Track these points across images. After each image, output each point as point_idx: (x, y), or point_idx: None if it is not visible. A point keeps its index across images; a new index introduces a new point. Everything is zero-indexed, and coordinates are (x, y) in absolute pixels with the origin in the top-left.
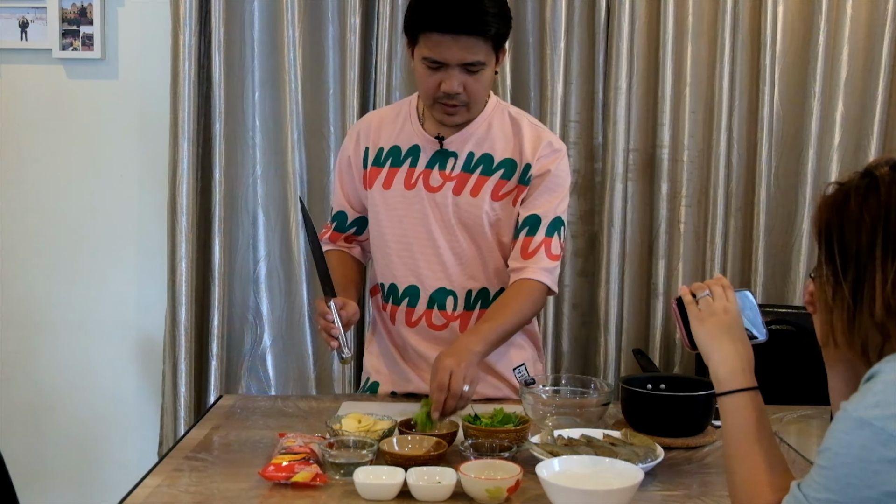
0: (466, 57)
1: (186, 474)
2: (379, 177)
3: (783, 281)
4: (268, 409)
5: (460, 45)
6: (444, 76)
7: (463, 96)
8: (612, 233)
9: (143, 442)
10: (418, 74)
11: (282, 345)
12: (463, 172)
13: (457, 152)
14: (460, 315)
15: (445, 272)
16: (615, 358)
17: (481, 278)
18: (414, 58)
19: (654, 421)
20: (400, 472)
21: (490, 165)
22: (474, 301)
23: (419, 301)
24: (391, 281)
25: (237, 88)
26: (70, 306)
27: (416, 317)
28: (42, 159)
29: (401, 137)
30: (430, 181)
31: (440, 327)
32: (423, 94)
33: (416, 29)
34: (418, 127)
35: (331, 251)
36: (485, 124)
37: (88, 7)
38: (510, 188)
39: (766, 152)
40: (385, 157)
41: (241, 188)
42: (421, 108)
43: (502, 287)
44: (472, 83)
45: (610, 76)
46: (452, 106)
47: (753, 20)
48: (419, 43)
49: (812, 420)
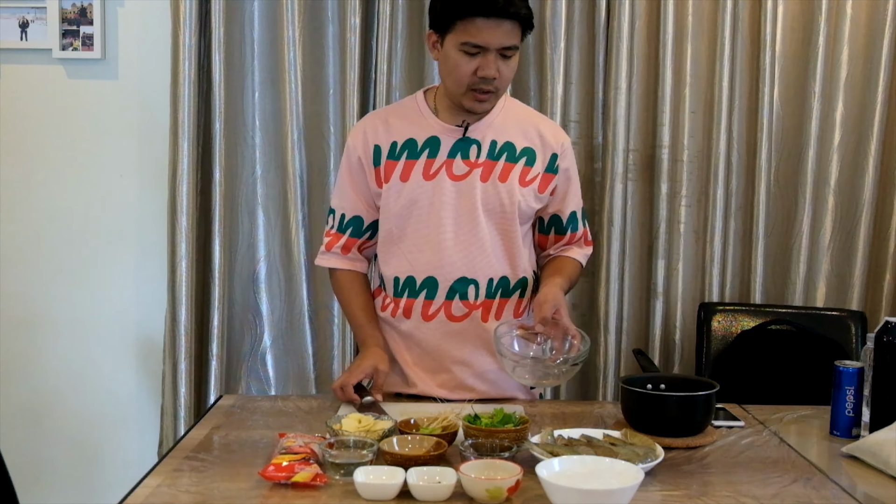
0: (506, 41)
1: (186, 474)
2: (395, 170)
3: (783, 281)
4: (268, 409)
5: (501, 30)
6: (481, 62)
7: (497, 81)
8: (612, 233)
9: (144, 442)
10: (451, 62)
11: (282, 345)
12: (488, 159)
13: (479, 140)
14: (482, 303)
15: (468, 260)
16: (615, 358)
17: (503, 266)
18: (443, 46)
19: (655, 421)
20: (400, 472)
21: (514, 153)
22: (496, 289)
23: (438, 292)
24: (408, 274)
25: (237, 88)
26: (70, 306)
27: (434, 308)
28: (42, 159)
29: (415, 130)
30: (453, 169)
31: (459, 318)
32: (454, 83)
33: (454, 15)
34: (434, 118)
35: (344, 274)
36: (501, 114)
37: (88, 7)
38: (535, 174)
39: (766, 152)
40: (400, 151)
41: (242, 188)
42: (432, 102)
43: (523, 276)
44: (504, 68)
45: (610, 76)
46: (485, 92)
47: (753, 20)
48: (455, 30)
49: (812, 420)
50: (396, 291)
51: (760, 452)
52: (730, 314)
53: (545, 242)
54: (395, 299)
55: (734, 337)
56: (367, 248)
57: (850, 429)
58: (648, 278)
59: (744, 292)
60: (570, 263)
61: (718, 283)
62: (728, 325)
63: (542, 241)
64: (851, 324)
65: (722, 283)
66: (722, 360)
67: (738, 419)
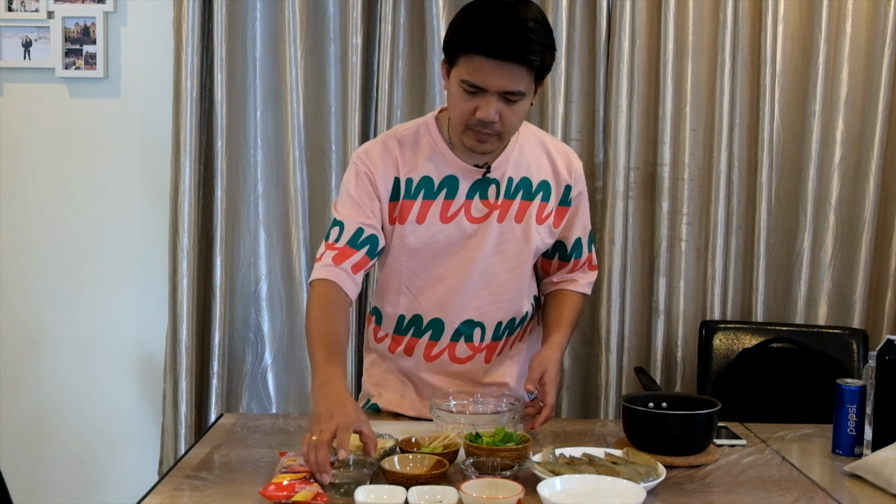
0: (507, 85)
1: (187, 493)
2: (412, 210)
3: (784, 299)
4: (269, 428)
5: (503, 73)
6: (480, 102)
7: (497, 126)
8: (613, 251)
9: (144, 461)
10: (453, 97)
11: (283, 363)
12: (506, 199)
13: (498, 179)
14: (487, 346)
15: (478, 304)
16: (616, 376)
17: (513, 308)
18: (449, 78)
19: (656, 439)
20: (401, 492)
21: (529, 189)
22: (503, 331)
23: (444, 334)
24: (415, 312)
25: (239, 107)
26: (71, 324)
27: (438, 350)
28: (44, 178)
29: (431, 167)
30: (472, 212)
31: (463, 360)
32: (455, 118)
33: (457, 49)
34: (451, 156)
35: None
36: (518, 147)
37: (91, 26)
38: (550, 210)
39: (767, 170)
40: (416, 189)
41: (243, 206)
42: (447, 132)
43: (527, 311)
44: (508, 113)
45: (610, 95)
46: (485, 134)
47: (753, 39)
48: (458, 64)
49: (814, 438)
50: (400, 329)
51: (763, 471)
52: (731, 332)
53: (549, 267)
54: (395, 336)
55: (736, 355)
56: (367, 266)
57: (852, 447)
58: (650, 296)
59: (745, 310)
60: (573, 303)
61: (720, 300)
62: (730, 343)
63: (546, 266)
64: (853, 342)
65: (723, 301)
66: (724, 378)
67: (741, 438)
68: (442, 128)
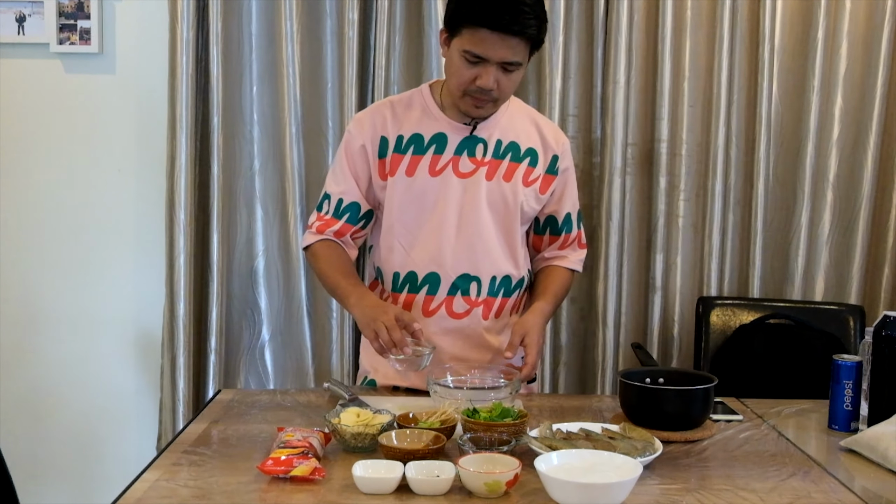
0: (508, 56)
1: (185, 468)
2: (401, 164)
3: (781, 275)
4: (266, 404)
5: (506, 45)
6: (481, 71)
7: (494, 93)
8: (611, 227)
9: (142, 436)
10: (453, 65)
11: (280, 339)
12: (493, 158)
13: (485, 139)
14: (484, 301)
15: (471, 257)
16: (613, 352)
17: (507, 264)
18: (450, 47)
19: (653, 415)
20: (399, 466)
21: (518, 153)
22: (498, 287)
23: (440, 288)
24: (409, 269)
25: (235, 83)
26: (68, 301)
27: (436, 304)
28: (39, 154)
29: (422, 126)
30: (459, 167)
31: (460, 315)
32: (454, 85)
33: (462, 21)
34: (441, 115)
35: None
36: (507, 114)
37: (85, 1)
38: (537, 175)
39: (765, 146)
40: (406, 145)
41: (240, 182)
42: (439, 97)
43: (523, 275)
44: (505, 81)
45: (608, 70)
46: (482, 100)
47: (752, 14)
48: (461, 35)
49: (811, 414)
50: (396, 286)
51: (759, 446)
52: (728, 308)
53: (540, 244)
54: (393, 294)
55: (733, 331)
56: (359, 237)
57: (848, 422)
58: (647, 272)
59: (742, 286)
60: (561, 277)
61: (717, 277)
62: (726, 319)
63: (537, 243)
64: (850, 318)
65: (720, 278)
66: (720, 354)
67: (737, 413)
68: (435, 93)
